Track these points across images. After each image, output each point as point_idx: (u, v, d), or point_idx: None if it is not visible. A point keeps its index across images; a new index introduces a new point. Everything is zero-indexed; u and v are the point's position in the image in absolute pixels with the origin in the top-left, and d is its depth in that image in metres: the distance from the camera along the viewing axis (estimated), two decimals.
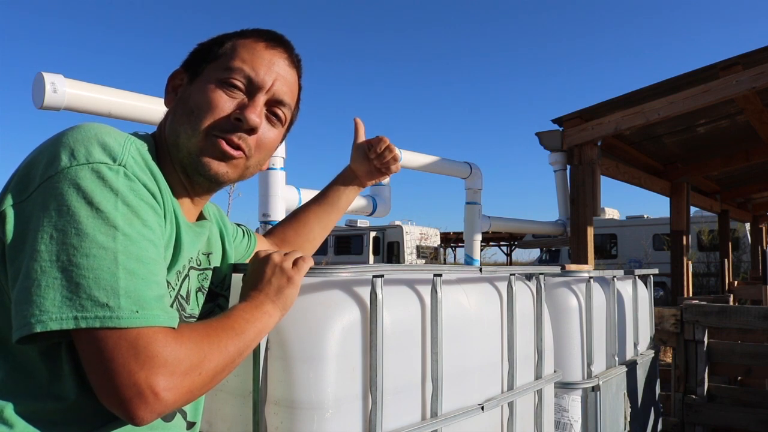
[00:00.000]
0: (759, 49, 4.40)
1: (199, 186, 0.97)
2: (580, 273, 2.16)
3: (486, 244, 24.73)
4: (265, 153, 1.01)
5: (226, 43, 0.98)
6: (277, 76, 0.98)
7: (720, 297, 6.55)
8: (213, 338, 0.80)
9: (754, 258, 12.79)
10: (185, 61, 1.01)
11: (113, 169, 0.76)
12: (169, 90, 1.01)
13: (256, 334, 0.88)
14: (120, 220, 0.74)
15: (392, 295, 1.21)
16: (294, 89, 1.03)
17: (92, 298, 0.70)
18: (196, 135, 0.92)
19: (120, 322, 0.70)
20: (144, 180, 0.80)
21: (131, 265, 0.73)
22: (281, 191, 2.84)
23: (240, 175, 0.99)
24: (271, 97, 0.98)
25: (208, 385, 0.79)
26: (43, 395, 0.76)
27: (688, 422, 3.52)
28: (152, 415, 0.71)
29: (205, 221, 1.05)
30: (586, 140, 4.97)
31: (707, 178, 8.25)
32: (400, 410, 1.20)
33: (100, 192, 0.74)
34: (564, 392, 2.07)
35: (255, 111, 0.94)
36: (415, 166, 3.98)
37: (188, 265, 0.95)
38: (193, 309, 0.97)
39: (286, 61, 1.00)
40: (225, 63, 0.96)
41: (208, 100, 0.93)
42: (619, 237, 17.41)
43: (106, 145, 0.78)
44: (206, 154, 0.93)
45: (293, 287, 0.97)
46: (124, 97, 2.26)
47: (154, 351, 0.71)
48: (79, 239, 0.71)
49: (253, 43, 0.98)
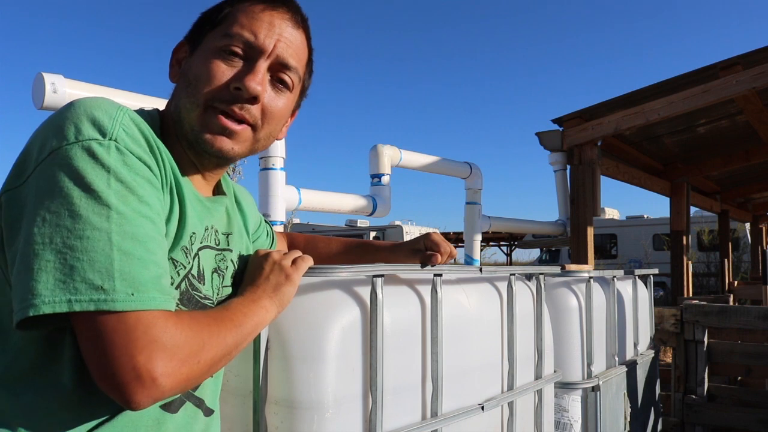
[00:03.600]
0: (759, 49, 4.40)
1: (207, 161, 0.94)
2: (580, 273, 2.16)
3: (486, 244, 24.71)
4: (276, 123, 0.96)
5: (224, 9, 0.94)
6: (279, 38, 0.92)
7: (720, 297, 6.55)
8: (213, 328, 0.79)
9: (754, 258, 12.79)
10: (188, 33, 0.98)
11: (104, 145, 0.74)
12: (173, 64, 0.98)
13: (253, 327, 0.87)
14: (113, 198, 0.72)
15: (392, 295, 1.21)
16: (301, 51, 0.97)
17: (86, 280, 0.68)
18: (196, 108, 0.89)
19: (115, 305, 0.69)
20: (138, 153, 0.77)
21: (126, 245, 0.71)
22: (281, 191, 2.84)
23: (250, 148, 0.95)
24: (274, 60, 0.92)
25: (206, 373, 0.78)
26: (43, 385, 0.76)
27: (688, 422, 3.52)
28: (149, 400, 0.70)
29: (221, 197, 1.02)
30: (586, 140, 4.97)
31: (707, 178, 8.25)
32: (400, 410, 1.20)
33: (91, 170, 0.72)
34: (564, 392, 2.07)
35: (255, 78, 0.89)
36: (415, 166, 3.98)
37: (199, 243, 0.91)
38: (208, 291, 0.93)
39: (289, 21, 0.94)
40: (223, 30, 0.92)
41: (207, 70, 0.89)
42: (619, 237, 17.41)
43: (96, 119, 0.75)
44: (207, 129, 0.89)
45: (291, 285, 0.97)
46: (124, 97, 2.26)
47: (154, 335, 0.70)
48: (73, 221, 0.70)
49: (250, 6, 0.93)
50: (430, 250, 1.27)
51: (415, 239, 1.33)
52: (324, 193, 3.25)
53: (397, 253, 1.34)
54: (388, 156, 3.65)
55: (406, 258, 1.31)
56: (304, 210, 3.19)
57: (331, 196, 3.29)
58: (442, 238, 1.31)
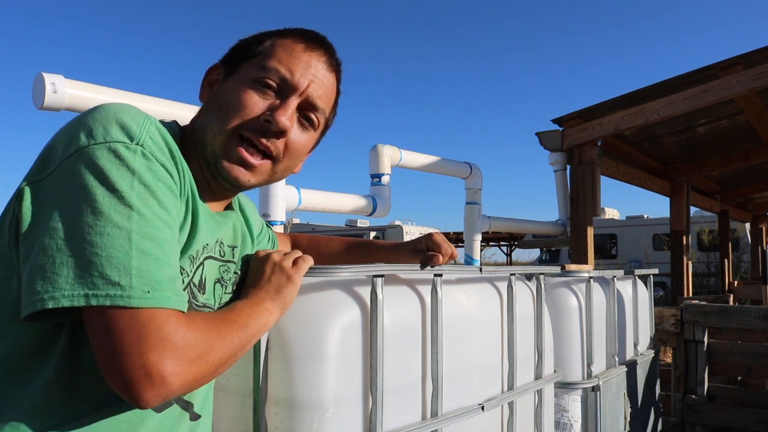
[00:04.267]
0: (759, 49, 4.40)
1: (221, 186, 0.97)
2: (580, 273, 2.16)
3: (486, 244, 24.70)
4: (295, 158, 0.99)
5: (265, 42, 0.96)
6: (313, 78, 0.95)
7: (720, 297, 6.55)
8: (221, 329, 0.80)
9: (754, 258, 12.79)
10: (224, 56, 1.00)
11: (131, 148, 0.76)
12: (205, 84, 1.00)
13: (258, 329, 0.88)
14: (135, 199, 0.73)
15: (392, 295, 1.21)
16: (331, 94, 1.01)
17: (104, 276, 0.70)
18: (222, 133, 0.91)
19: (131, 301, 0.70)
20: (162, 160, 0.79)
21: (145, 245, 0.73)
22: (281, 191, 2.84)
23: (266, 180, 0.98)
24: (305, 99, 0.95)
25: (213, 374, 0.79)
26: (35, 380, 0.76)
27: (688, 422, 3.52)
28: (157, 398, 0.71)
29: (230, 212, 1.04)
30: (586, 140, 4.97)
31: (707, 178, 8.25)
32: (400, 410, 1.20)
33: (116, 171, 0.74)
34: (564, 392, 2.07)
35: (286, 113, 0.92)
36: (415, 166, 3.98)
37: (204, 253, 0.93)
38: (209, 299, 0.95)
39: (324, 64, 0.98)
40: (261, 62, 0.94)
41: (239, 99, 0.91)
42: (619, 237, 17.41)
43: (125, 124, 0.77)
44: (227, 157, 0.91)
45: (293, 286, 0.97)
46: (125, 97, 2.26)
47: (166, 334, 0.71)
48: (94, 218, 0.71)
49: (292, 44, 0.96)
50: (431, 250, 1.28)
51: (417, 239, 1.33)
52: (324, 193, 3.25)
53: (398, 252, 1.34)
54: (388, 156, 3.65)
55: (407, 258, 1.32)
56: (304, 210, 3.19)
57: (331, 196, 3.29)
58: (443, 238, 1.31)
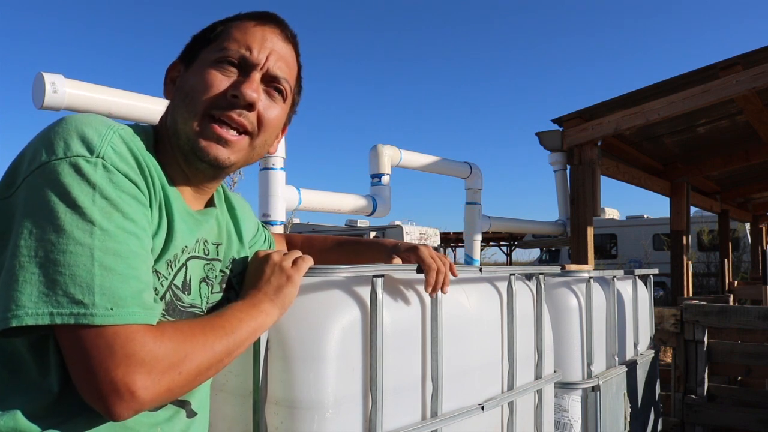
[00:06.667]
0: (759, 49, 4.40)
1: (202, 173, 0.96)
2: (580, 273, 2.16)
3: (486, 244, 24.71)
4: (271, 131, 0.99)
5: (218, 27, 0.98)
6: (271, 51, 0.96)
7: (720, 297, 6.55)
8: (198, 337, 0.80)
9: (754, 258, 12.78)
10: (181, 53, 1.01)
11: (91, 162, 0.76)
12: (167, 82, 1.01)
13: (250, 333, 0.88)
14: (97, 214, 0.74)
15: (392, 295, 1.21)
16: (291, 65, 1.01)
17: (68, 294, 0.70)
18: (193, 117, 0.91)
19: (94, 319, 0.70)
20: (125, 170, 0.79)
21: (108, 261, 0.73)
22: (281, 191, 2.84)
23: (245, 157, 0.97)
24: (267, 72, 0.96)
25: (192, 383, 0.79)
26: (30, 389, 0.77)
27: (688, 422, 3.52)
28: (129, 412, 0.72)
29: (211, 209, 1.04)
30: (586, 140, 4.97)
31: (707, 178, 8.25)
32: (400, 410, 1.20)
33: (77, 186, 0.74)
34: (564, 392, 2.07)
35: (251, 86, 0.92)
36: (415, 166, 3.98)
37: (186, 254, 0.93)
38: (195, 299, 0.95)
39: (279, 35, 0.99)
40: (218, 45, 0.95)
41: (204, 80, 0.92)
42: (619, 237, 17.41)
43: (86, 136, 0.77)
44: (203, 136, 0.91)
45: (292, 286, 0.97)
46: (124, 97, 2.26)
47: (131, 350, 0.72)
48: (57, 235, 0.72)
49: (244, 23, 0.97)
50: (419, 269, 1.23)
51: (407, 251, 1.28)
52: (324, 193, 3.25)
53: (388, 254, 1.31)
54: (388, 156, 3.65)
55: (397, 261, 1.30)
56: (304, 210, 3.19)
57: (331, 196, 3.29)
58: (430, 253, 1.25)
